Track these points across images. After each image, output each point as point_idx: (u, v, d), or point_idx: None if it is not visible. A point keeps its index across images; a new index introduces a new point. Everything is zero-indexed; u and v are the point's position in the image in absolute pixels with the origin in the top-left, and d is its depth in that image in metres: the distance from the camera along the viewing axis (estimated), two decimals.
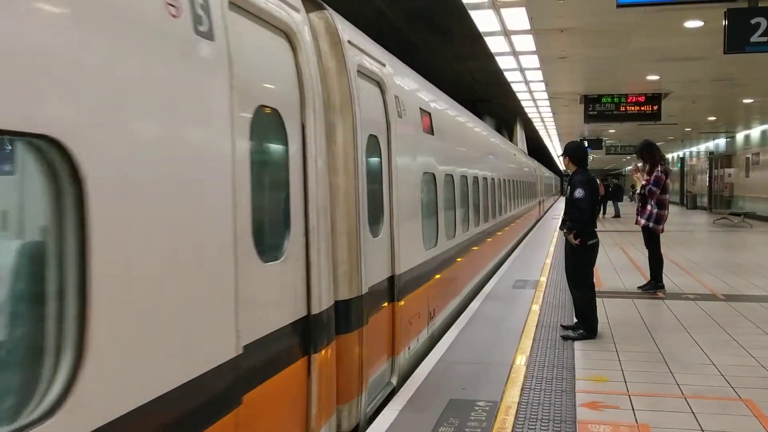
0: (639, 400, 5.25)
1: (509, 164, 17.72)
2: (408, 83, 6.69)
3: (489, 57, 13.72)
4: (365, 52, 5.09)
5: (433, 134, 7.28)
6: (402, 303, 5.55)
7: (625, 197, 37.23)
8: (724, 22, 8.88)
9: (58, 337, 1.96)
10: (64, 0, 1.98)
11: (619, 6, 8.18)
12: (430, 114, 7.21)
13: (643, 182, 9.95)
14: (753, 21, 8.72)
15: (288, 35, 3.66)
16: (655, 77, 15.93)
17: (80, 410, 1.92)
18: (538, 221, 28.64)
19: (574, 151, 7.60)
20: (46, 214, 1.98)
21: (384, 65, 5.62)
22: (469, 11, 10.08)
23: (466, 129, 10.87)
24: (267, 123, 3.48)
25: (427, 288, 6.67)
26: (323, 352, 3.81)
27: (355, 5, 8.54)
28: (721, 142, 34.43)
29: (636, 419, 4.85)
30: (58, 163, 1.92)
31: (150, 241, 2.30)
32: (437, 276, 7.19)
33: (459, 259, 8.74)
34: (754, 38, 8.70)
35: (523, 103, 21.97)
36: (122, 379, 2.13)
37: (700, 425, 4.72)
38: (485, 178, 11.67)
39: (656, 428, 4.67)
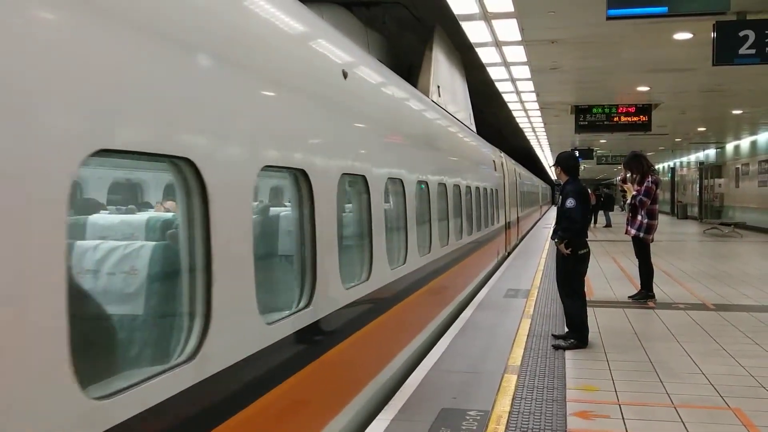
0: (629, 409, 5.29)
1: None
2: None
3: (480, 67, 13.79)
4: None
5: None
6: None
7: (616, 207, 37.29)
8: (713, 35, 8.97)
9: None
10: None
11: (608, 18, 8.24)
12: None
13: (634, 192, 10.03)
14: (741, 34, 8.81)
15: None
16: (645, 88, 16.04)
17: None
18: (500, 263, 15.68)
19: (566, 161, 7.67)
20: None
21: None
22: (461, 22, 10.15)
23: None
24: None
25: None
26: None
27: (343, 15, 8.57)
28: (711, 152, 34.64)
29: (626, 428, 4.88)
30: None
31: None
32: None
33: None
34: (742, 50, 8.79)
35: (515, 114, 22.05)
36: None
37: None
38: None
39: None
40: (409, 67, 10.17)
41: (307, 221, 3.94)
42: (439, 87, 10.53)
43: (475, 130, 14.38)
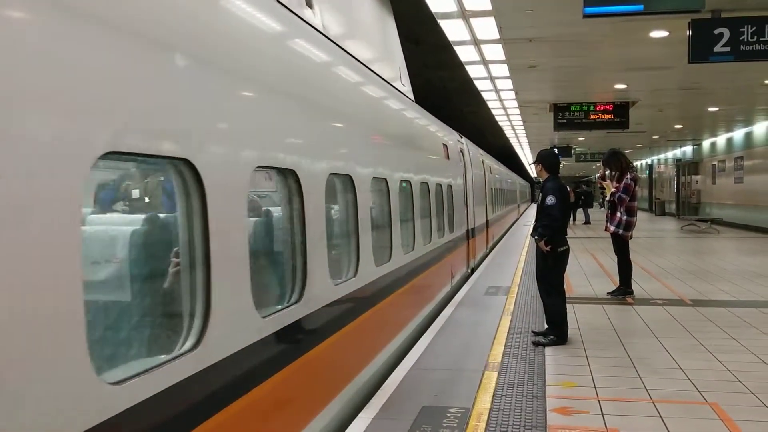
0: (608, 404, 5.32)
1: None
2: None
3: (459, 66, 13.83)
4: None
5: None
6: None
7: (595, 203, 37.54)
8: (688, 33, 9.08)
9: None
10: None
11: (585, 16, 8.30)
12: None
13: (613, 190, 10.11)
14: (716, 31, 8.93)
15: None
16: (623, 86, 16.17)
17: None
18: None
19: (546, 159, 7.71)
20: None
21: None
22: (439, 20, 10.16)
23: None
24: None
25: None
26: None
27: None
28: (688, 149, 34.99)
29: (605, 424, 4.91)
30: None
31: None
32: None
33: None
34: (717, 48, 8.91)
35: (494, 112, 22.13)
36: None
37: (667, 429, 4.80)
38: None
39: None
40: None
41: None
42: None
43: (413, 99, 9.63)
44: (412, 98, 9.68)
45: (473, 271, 13.83)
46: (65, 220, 2.18)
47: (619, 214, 10.03)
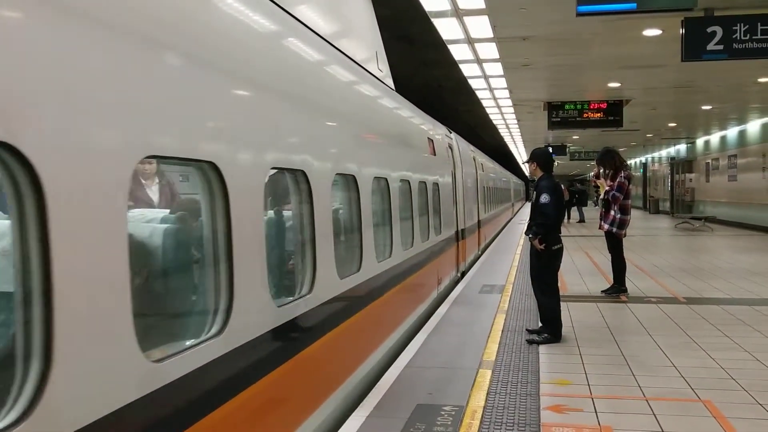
0: (602, 402, 5.34)
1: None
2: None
3: (453, 65, 13.83)
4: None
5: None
6: None
7: (589, 202, 37.58)
8: (681, 31, 9.10)
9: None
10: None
11: (578, 14, 8.32)
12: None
13: (607, 188, 10.13)
14: (709, 30, 8.95)
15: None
16: (617, 84, 16.19)
17: None
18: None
19: (540, 157, 7.72)
20: None
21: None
22: (432, 19, 10.17)
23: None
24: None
25: None
26: None
27: None
28: (682, 147, 35.07)
29: (599, 421, 4.93)
30: None
31: None
32: None
33: None
34: (710, 46, 8.92)
35: (488, 110, 22.15)
36: None
37: (660, 426, 4.82)
38: None
39: (618, 430, 4.75)
40: None
41: None
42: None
43: (393, 87, 8.69)
44: (392, 87, 8.63)
45: (463, 274, 13.06)
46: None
47: (613, 213, 10.05)
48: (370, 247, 6.11)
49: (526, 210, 35.04)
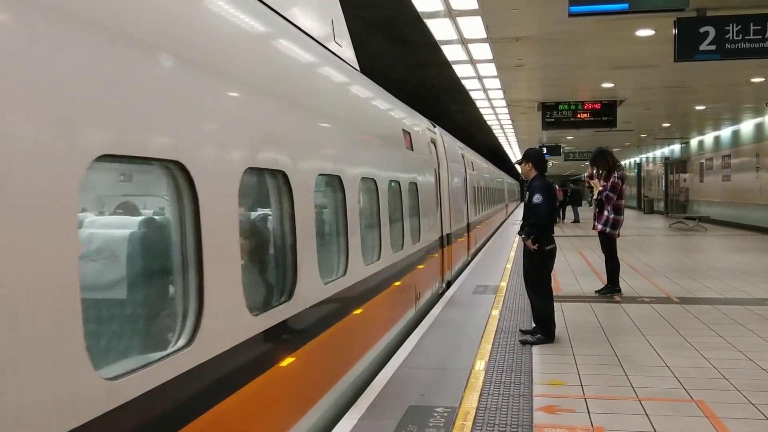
0: (594, 403, 5.33)
1: None
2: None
3: (447, 65, 13.83)
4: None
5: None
6: None
7: (584, 202, 37.62)
8: (674, 31, 9.12)
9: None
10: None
11: (571, 15, 8.32)
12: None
13: (600, 188, 10.14)
14: (701, 30, 8.96)
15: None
16: (610, 85, 16.21)
17: None
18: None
19: (534, 157, 7.72)
20: None
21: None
22: (425, 20, 10.16)
23: None
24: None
25: None
26: None
27: None
28: (676, 147, 35.15)
29: (591, 422, 4.92)
30: None
31: None
32: None
33: None
34: (703, 47, 8.94)
35: (482, 111, 22.16)
36: None
37: (653, 427, 4.81)
38: None
39: (611, 430, 4.75)
40: None
41: None
42: None
43: (357, 68, 7.30)
44: (356, 67, 7.19)
45: (449, 285, 11.85)
46: None
47: (606, 213, 10.05)
48: (310, 266, 4.62)
49: (521, 210, 34.40)
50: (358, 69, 7.33)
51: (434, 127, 11.99)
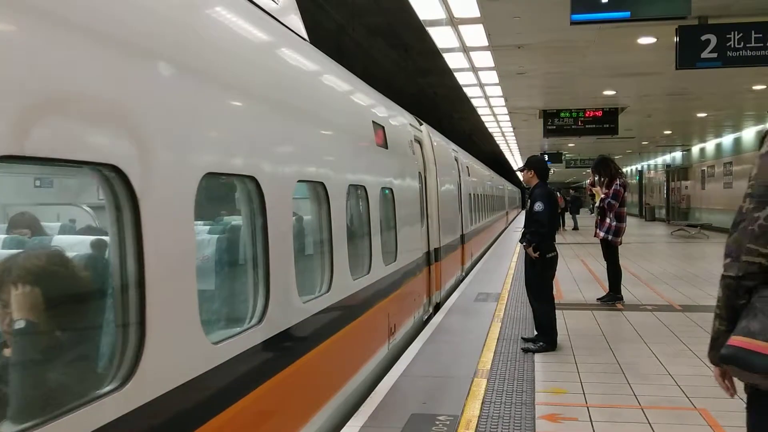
0: (597, 411, 5.32)
1: None
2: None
3: (448, 73, 13.86)
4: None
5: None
6: None
7: (583, 210, 37.58)
8: (676, 39, 9.13)
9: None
10: None
11: (572, 23, 8.33)
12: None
13: (602, 196, 10.14)
14: (703, 38, 8.99)
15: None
16: (612, 92, 16.24)
17: None
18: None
19: (536, 165, 7.72)
20: None
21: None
22: (427, 28, 10.19)
23: None
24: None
25: None
26: None
27: (316, 19, 8.56)
28: (678, 155, 35.17)
29: (593, 430, 4.91)
30: None
31: None
32: None
33: None
34: (705, 54, 8.96)
35: (484, 118, 22.19)
36: None
37: None
38: None
39: None
40: None
41: None
42: None
43: (306, 37, 5.42)
44: (305, 36, 5.38)
45: (438, 307, 10.23)
46: None
47: (608, 220, 10.05)
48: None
49: (522, 218, 34.21)
50: (307, 39, 5.43)
51: (420, 124, 10.14)
